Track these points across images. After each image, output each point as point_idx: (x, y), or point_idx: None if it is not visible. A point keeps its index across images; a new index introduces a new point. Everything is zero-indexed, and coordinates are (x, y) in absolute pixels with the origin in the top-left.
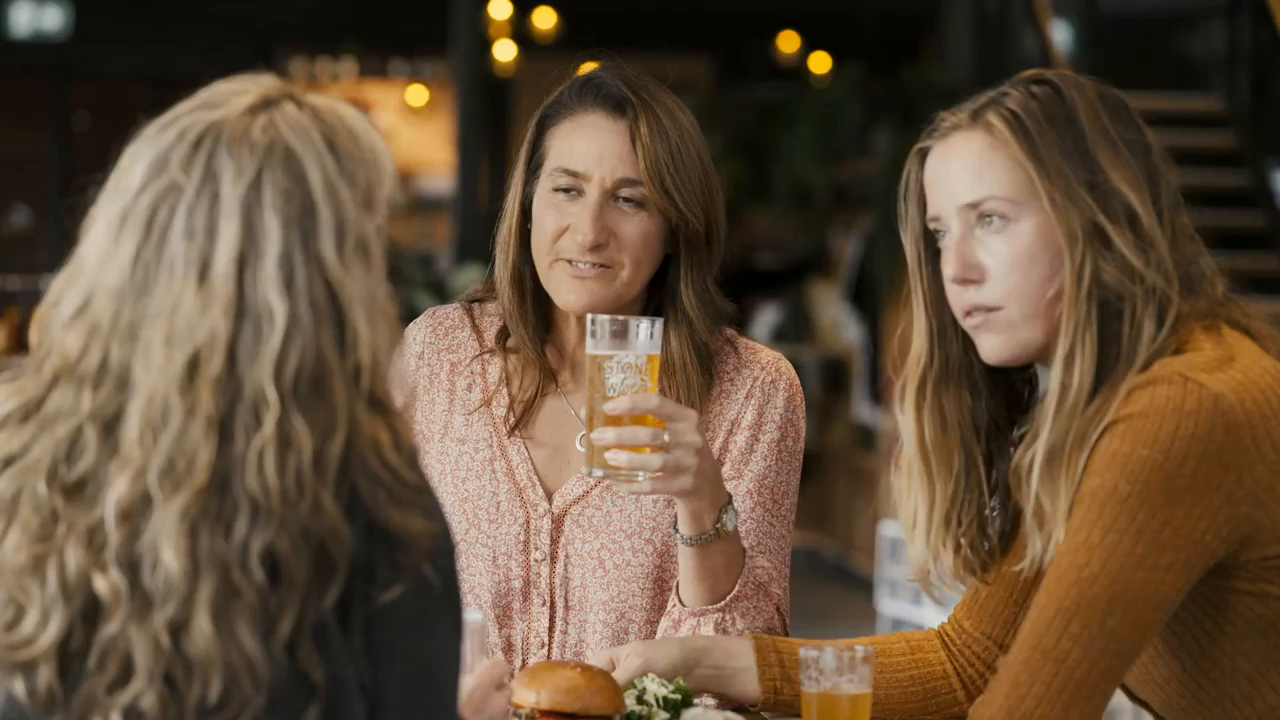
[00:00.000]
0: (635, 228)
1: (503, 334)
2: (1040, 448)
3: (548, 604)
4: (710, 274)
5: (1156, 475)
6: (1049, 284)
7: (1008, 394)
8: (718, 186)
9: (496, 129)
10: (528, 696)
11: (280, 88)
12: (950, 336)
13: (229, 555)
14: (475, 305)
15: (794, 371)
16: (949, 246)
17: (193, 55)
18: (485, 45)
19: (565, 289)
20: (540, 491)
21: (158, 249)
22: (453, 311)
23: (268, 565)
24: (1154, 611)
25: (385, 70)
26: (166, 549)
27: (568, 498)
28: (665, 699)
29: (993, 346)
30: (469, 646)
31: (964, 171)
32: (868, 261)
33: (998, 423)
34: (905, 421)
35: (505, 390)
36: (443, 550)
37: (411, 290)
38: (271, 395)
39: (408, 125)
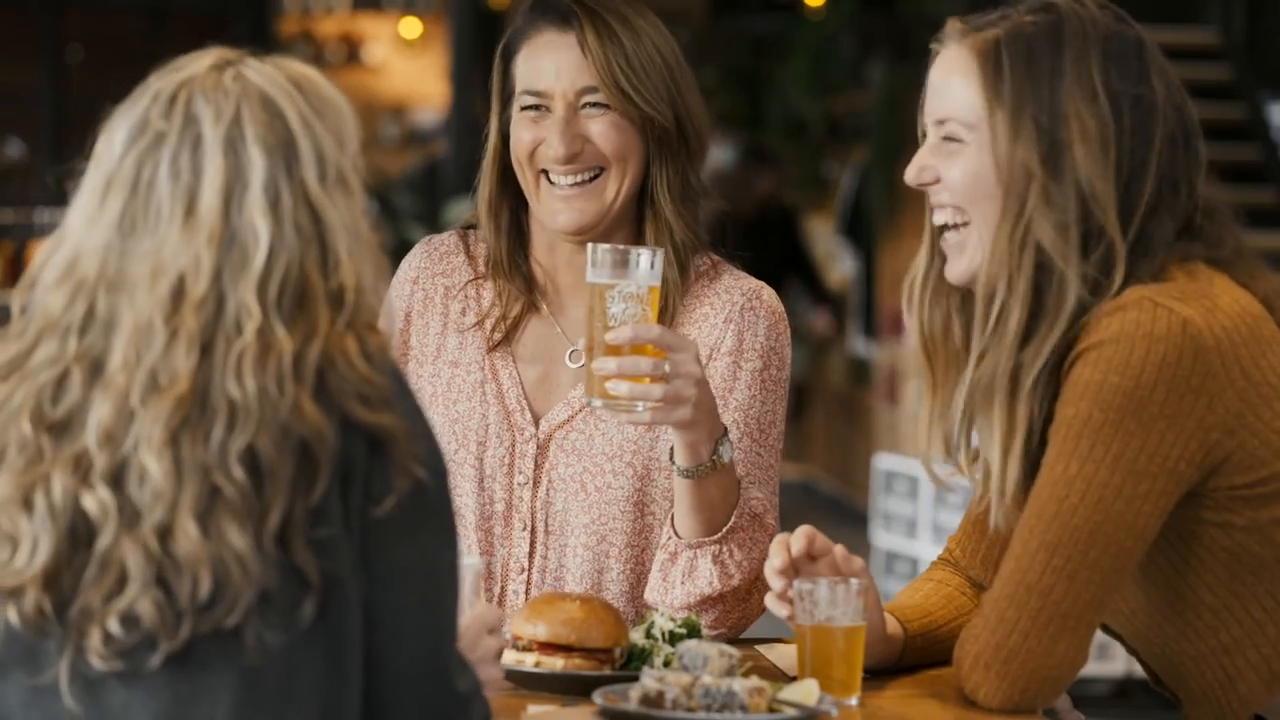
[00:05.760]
0: (606, 124)
1: (490, 257)
2: (966, 382)
3: (528, 528)
4: (691, 172)
5: (1129, 402)
6: (996, 212)
7: None
8: (687, 84)
9: (490, 62)
10: (527, 629)
11: (237, 54)
12: None
13: (209, 459)
14: (469, 231)
15: (777, 299)
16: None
17: None
18: None
19: (554, 212)
20: (528, 416)
21: (145, 201)
22: (447, 238)
23: (248, 464)
24: (1134, 541)
25: (379, 3)
26: (150, 459)
27: (553, 423)
28: (672, 634)
29: (957, 269)
30: (466, 588)
31: (940, 87)
32: (862, 194)
33: None
34: (910, 319)
35: (496, 312)
36: (435, 469)
37: (405, 222)
38: (254, 307)
39: (401, 58)
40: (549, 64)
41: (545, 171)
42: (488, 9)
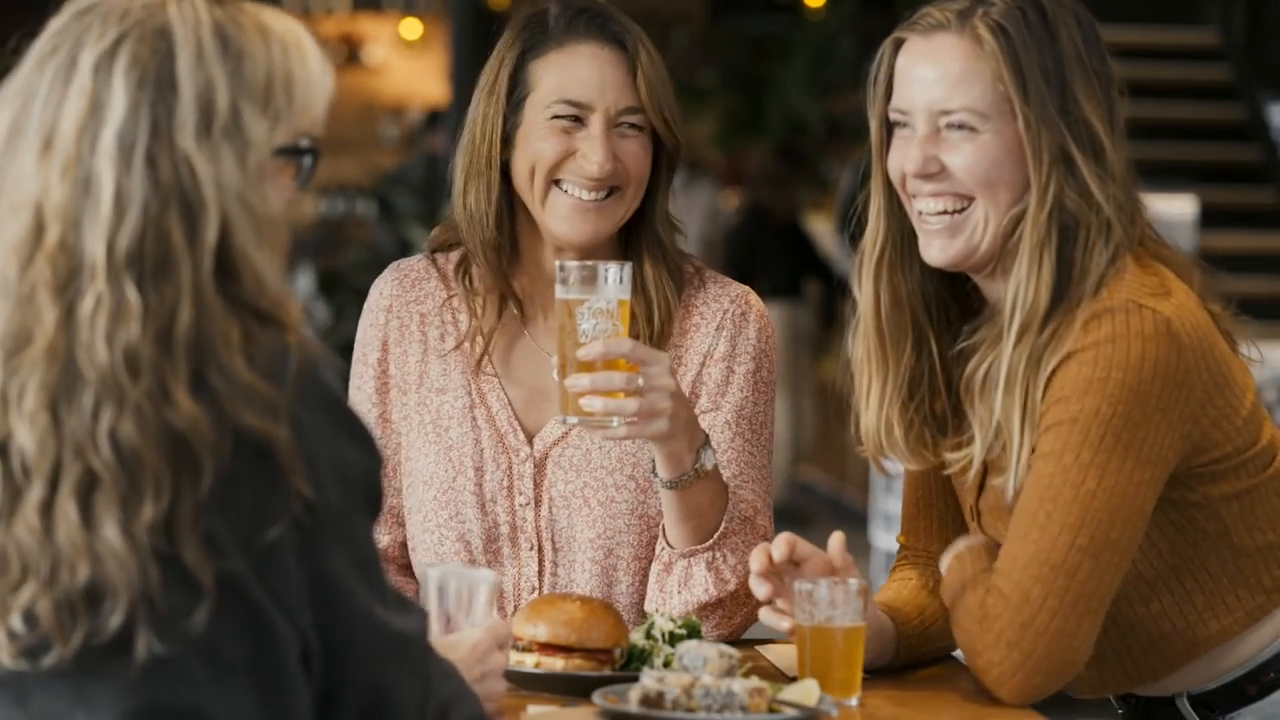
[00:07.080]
0: (637, 147)
1: (461, 269)
2: (1002, 368)
3: (535, 548)
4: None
5: (1134, 396)
6: (1009, 194)
7: (954, 278)
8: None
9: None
10: (528, 630)
11: None
12: (905, 214)
13: (82, 435)
14: (439, 255)
15: (762, 303)
16: (909, 140)
17: None
18: None
19: (565, 221)
20: (521, 436)
21: (25, 116)
22: (416, 264)
23: (117, 449)
24: (1142, 523)
25: (379, 3)
26: (20, 425)
27: (547, 440)
28: (672, 634)
29: (950, 251)
30: (483, 602)
31: (942, 78)
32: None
33: (946, 301)
34: (863, 297)
35: (477, 329)
36: (336, 483)
37: (405, 222)
38: (101, 260)
39: (401, 59)
40: (593, 77)
41: (558, 181)
42: (488, 9)
